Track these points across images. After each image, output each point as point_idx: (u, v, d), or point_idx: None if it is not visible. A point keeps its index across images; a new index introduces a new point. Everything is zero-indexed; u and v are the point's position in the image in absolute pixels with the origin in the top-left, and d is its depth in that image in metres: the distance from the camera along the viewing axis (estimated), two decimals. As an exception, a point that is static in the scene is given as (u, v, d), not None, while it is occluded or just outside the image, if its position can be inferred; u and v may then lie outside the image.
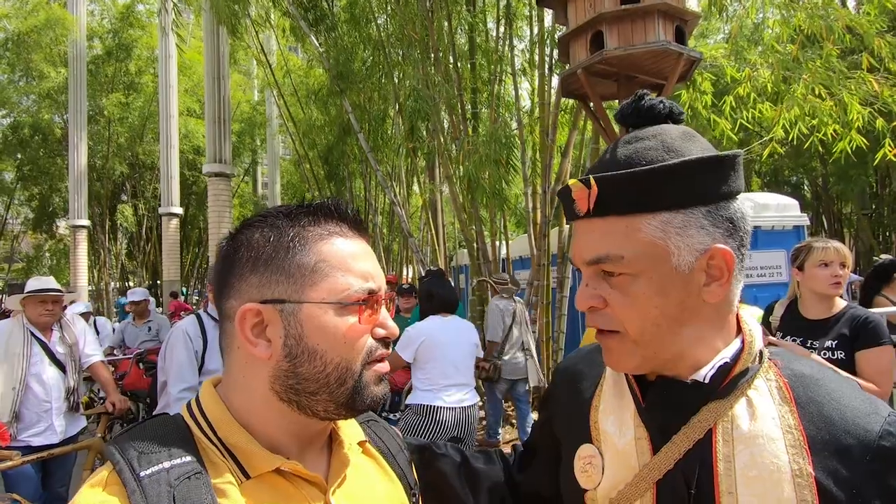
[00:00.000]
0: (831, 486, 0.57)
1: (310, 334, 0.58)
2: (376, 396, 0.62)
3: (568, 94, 3.43)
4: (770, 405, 0.62)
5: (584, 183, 0.62)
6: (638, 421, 0.67)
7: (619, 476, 0.67)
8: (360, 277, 0.61)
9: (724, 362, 0.64)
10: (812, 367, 0.66)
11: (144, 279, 18.44)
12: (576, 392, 0.79)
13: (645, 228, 0.60)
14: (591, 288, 0.64)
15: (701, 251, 0.61)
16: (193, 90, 16.24)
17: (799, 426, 0.60)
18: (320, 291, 0.59)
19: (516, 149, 5.30)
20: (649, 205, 0.60)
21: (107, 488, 0.51)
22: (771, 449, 0.59)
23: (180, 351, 2.66)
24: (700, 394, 0.63)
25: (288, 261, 0.59)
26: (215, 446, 0.57)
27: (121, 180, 17.45)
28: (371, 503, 0.66)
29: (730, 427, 0.61)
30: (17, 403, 2.85)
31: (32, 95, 16.13)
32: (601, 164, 0.66)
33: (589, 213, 0.63)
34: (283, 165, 17.86)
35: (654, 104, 0.68)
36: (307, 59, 10.09)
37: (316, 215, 0.62)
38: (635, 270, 0.61)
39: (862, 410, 0.60)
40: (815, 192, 16.82)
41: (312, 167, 10.42)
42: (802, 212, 5.70)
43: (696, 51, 2.93)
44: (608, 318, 0.64)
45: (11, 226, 21.77)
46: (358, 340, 0.60)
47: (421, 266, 7.38)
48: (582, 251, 0.64)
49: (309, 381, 0.58)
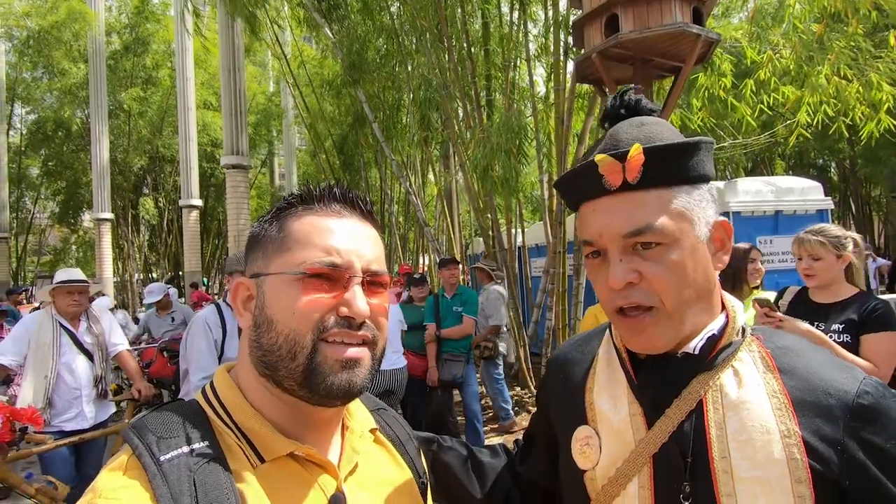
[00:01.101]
0: (817, 443, 0.60)
1: (269, 304, 0.60)
2: (338, 384, 0.58)
3: (583, 79, 3.38)
4: (755, 373, 0.66)
5: (617, 157, 0.64)
6: (632, 397, 0.70)
7: (616, 453, 0.69)
8: (321, 251, 0.60)
9: (712, 334, 0.67)
10: (792, 339, 0.70)
11: (167, 270, 18.86)
12: (569, 378, 0.81)
13: (675, 200, 0.64)
14: (626, 263, 0.64)
15: (711, 223, 0.67)
16: (210, 83, 16.39)
17: (783, 391, 0.64)
18: (281, 264, 0.61)
19: (529, 138, 5.25)
20: (680, 178, 0.65)
21: (127, 472, 0.52)
22: (759, 413, 0.62)
23: (200, 340, 2.73)
24: (690, 367, 0.67)
25: (265, 238, 0.64)
26: (231, 430, 0.58)
27: (142, 173, 17.78)
28: (382, 489, 0.67)
29: (719, 396, 0.65)
30: (49, 391, 2.97)
31: (55, 92, 16.48)
32: (615, 143, 0.67)
33: (625, 187, 0.64)
34: (299, 156, 17.99)
35: (640, 99, 0.73)
36: (321, 49, 10.07)
37: (303, 196, 0.65)
38: (671, 240, 0.63)
39: (840, 374, 0.64)
40: (842, 175, 16.32)
41: (328, 157, 10.47)
42: (827, 195, 5.54)
43: (714, 32, 2.86)
44: (645, 292, 0.64)
45: (39, 220, 22.42)
46: (309, 314, 0.58)
47: (437, 255, 7.40)
48: (619, 225, 0.64)
49: (268, 353, 0.59)
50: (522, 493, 0.89)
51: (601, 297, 0.69)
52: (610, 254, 0.66)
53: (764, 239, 5.06)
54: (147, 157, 16.95)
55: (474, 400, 4.62)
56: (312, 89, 10.19)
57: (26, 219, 21.07)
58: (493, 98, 6.20)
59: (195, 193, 13.70)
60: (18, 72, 17.25)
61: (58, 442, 2.86)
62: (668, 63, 3.07)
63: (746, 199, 5.08)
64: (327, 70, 9.91)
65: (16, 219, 19.74)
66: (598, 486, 0.70)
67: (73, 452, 3.04)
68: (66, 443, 2.90)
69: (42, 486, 2.66)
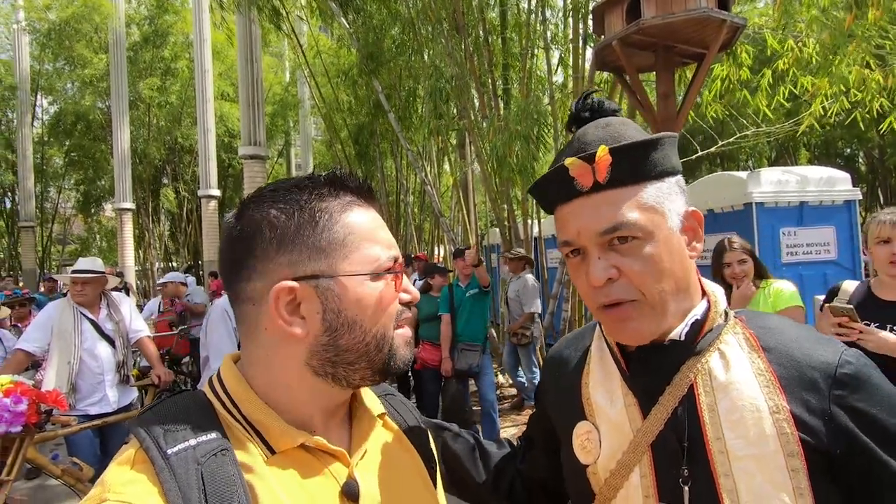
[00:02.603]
0: (806, 416, 0.62)
1: (348, 306, 0.59)
2: (406, 359, 0.65)
3: (603, 66, 3.32)
4: (741, 354, 0.68)
5: (585, 159, 0.66)
6: (625, 389, 0.72)
7: (616, 445, 0.70)
8: (385, 247, 0.63)
9: (696, 319, 0.69)
10: (773, 319, 0.73)
11: (186, 259, 19.18)
12: (564, 376, 0.82)
13: (645, 195, 0.67)
14: (604, 260, 0.66)
15: (681, 213, 0.69)
16: (227, 74, 16.51)
17: (769, 369, 0.66)
18: (354, 264, 0.60)
19: (547, 126, 5.18)
20: (647, 174, 0.67)
21: (135, 466, 0.52)
22: (747, 392, 0.64)
23: (220, 328, 2.78)
24: (677, 353, 0.69)
25: (316, 235, 0.59)
26: (239, 423, 0.58)
27: (161, 164, 18.04)
28: (392, 475, 0.67)
29: (708, 379, 0.67)
30: (72, 376, 3.06)
31: (76, 83, 16.77)
32: (582, 146, 0.69)
33: (596, 187, 0.66)
34: (315, 147, 18.06)
35: (604, 100, 0.77)
36: (336, 38, 10.05)
37: (332, 186, 0.62)
38: (645, 234, 0.65)
39: (821, 347, 0.66)
40: (870, 165, 15.84)
41: (343, 148, 10.49)
42: (855, 185, 5.38)
43: (740, 17, 2.77)
44: (625, 286, 0.66)
45: (63, 209, 22.96)
46: (391, 307, 0.62)
47: (452, 245, 7.39)
48: (594, 224, 0.66)
49: (349, 352, 0.59)
50: (526, 488, 0.91)
51: (583, 294, 0.71)
52: (588, 252, 0.68)
53: (788, 230, 4.93)
54: (166, 148, 17.19)
55: (490, 389, 4.61)
56: (328, 79, 10.20)
57: (52, 208, 21.59)
58: (511, 87, 6.12)
59: (213, 184, 13.85)
60: (41, 63, 17.58)
61: (82, 425, 2.95)
62: (692, 50, 2.99)
63: (769, 190, 4.95)
64: (343, 60, 9.89)
65: (40, 208, 20.24)
66: (601, 479, 0.71)
67: (98, 435, 3.14)
68: (90, 426, 2.99)
69: (68, 467, 2.75)
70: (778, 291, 2.55)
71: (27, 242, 17.37)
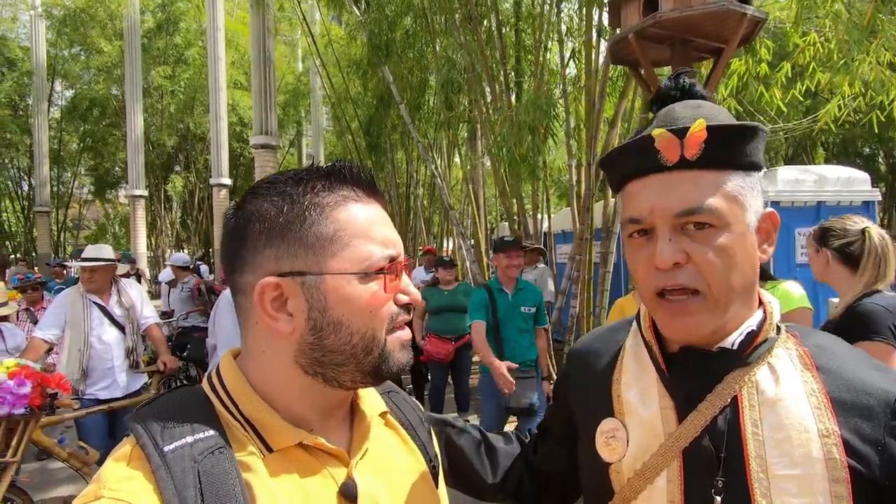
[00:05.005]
0: (857, 443, 0.59)
1: (334, 306, 0.57)
2: (401, 363, 0.61)
3: (617, 60, 3.24)
4: (792, 371, 0.64)
5: (676, 133, 0.62)
6: (663, 391, 0.68)
7: (644, 446, 0.68)
8: (380, 245, 0.59)
9: (751, 329, 0.66)
10: (828, 338, 0.69)
11: (198, 247, 19.37)
12: (593, 370, 0.79)
13: (730, 184, 0.62)
14: (675, 242, 0.62)
15: (759, 212, 0.65)
16: (240, 62, 16.54)
17: (822, 389, 0.62)
18: (342, 261, 0.57)
19: (558, 119, 5.12)
20: (736, 162, 0.63)
21: (131, 463, 0.51)
22: (796, 411, 0.61)
23: (227, 317, 2.79)
24: (724, 362, 0.65)
25: (304, 231, 0.57)
26: (237, 420, 0.57)
27: (174, 151, 18.18)
28: (393, 475, 0.66)
29: (755, 392, 0.64)
30: (83, 362, 3.11)
31: (92, 70, 16.90)
32: (672, 121, 0.65)
33: (681, 164, 0.62)
34: (326, 137, 18.06)
35: (695, 83, 0.72)
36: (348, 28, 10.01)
37: (329, 180, 0.59)
38: (722, 223, 0.61)
39: (879, 375, 0.63)
40: (890, 165, 15.52)
41: (354, 138, 10.47)
42: (874, 186, 5.26)
43: (760, 10, 2.69)
44: (691, 274, 0.62)
45: (79, 195, 23.25)
46: (382, 309, 0.59)
47: (461, 239, 7.37)
48: (673, 203, 0.62)
49: (335, 353, 0.57)
50: (536, 483, 0.88)
51: (641, 278, 0.66)
52: (659, 232, 0.63)
53: (803, 231, 4.84)
54: (179, 136, 17.30)
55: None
56: (340, 69, 10.16)
57: (66, 193, 21.87)
58: (522, 79, 6.04)
59: (225, 172, 13.92)
60: (58, 49, 17.73)
61: (89, 409, 3.00)
62: (710, 44, 2.91)
63: (785, 189, 4.86)
64: (354, 50, 9.85)
65: (56, 193, 20.50)
66: (623, 478, 0.69)
67: (107, 419, 3.19)
68: (97, 410, 3.05)
69: (74, 450, 2.79)
70: (786, 293, 2.49)
71: (42, 227, 17.62)
